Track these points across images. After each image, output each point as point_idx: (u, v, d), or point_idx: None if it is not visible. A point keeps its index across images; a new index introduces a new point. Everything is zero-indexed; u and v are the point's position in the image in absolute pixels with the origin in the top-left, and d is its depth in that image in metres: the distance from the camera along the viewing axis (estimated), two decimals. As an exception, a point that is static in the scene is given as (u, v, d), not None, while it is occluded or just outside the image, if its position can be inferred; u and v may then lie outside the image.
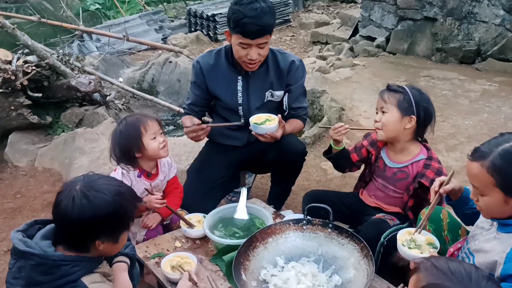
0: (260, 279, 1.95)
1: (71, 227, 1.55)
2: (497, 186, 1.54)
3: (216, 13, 8.74)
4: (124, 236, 1.66)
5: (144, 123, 2.26)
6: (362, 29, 7.11)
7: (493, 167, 1.52)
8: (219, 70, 2.60)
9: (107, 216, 1.54)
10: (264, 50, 2.43)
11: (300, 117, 2.71)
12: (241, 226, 2.30)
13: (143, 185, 2.36)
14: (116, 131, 2.30)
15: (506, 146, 1.52)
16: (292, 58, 2.64)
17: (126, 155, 2.28)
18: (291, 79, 2.63)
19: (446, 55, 6.00)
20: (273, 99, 2.64)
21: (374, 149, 2.43)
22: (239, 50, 2.41)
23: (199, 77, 2.63)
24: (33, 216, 3.19)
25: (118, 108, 4.67)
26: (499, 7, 5.52)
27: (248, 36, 2.33)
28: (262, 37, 2.35)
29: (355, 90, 5.23)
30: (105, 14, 9.69)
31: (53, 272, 1.53)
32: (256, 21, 2.29)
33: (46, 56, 4.21)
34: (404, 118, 2.23)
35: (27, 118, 4.06)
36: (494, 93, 5.01)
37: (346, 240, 2.03)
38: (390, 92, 2.27)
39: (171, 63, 5.44)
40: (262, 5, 2.33)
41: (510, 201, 1.54)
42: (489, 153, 1.54)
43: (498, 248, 1.60)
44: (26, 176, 3.78)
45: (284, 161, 2.61)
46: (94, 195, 1.53)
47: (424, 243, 1.85)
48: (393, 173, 2.34)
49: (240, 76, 2.59)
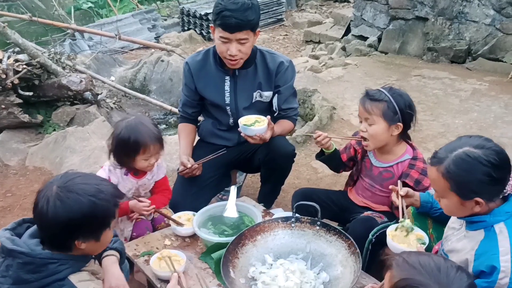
0: (248, 276, 1.96)
1: (48, 228, 1.54)
2: (452, 190, 1.59)
3: (209, 12, 8.73)
4: (106, 234, 1.63)
5: (145, 146, 2.22)
6: (354, 28, 7.14)
7: (447, 173, 1.58)
8: (207, 70, 2.60)
9: (82, 217, 1.51)
10: (245, 47, 2.40)
11: (290, 117, 2.72)
12: (231, 224, 2.31)
13: (129, 183, 2.36)
14: (118, 129, 2.26)
15: (459, 152, 1.57)
16: (281, 59, 2.62)
17: (115, 154, 2.29)
18: (280, 80, 2.62)
19: (437, 55, 6.04)
20: (261, 100, 2.64)
21: (361, 148, 2.44)
22: (220, 45, 2.41)
23: (188, 78, 2.64)
24: (23, 215, 3.18)
25: (110, 107, 4.67)
26: (489, 7, 5.56)
27: (227, 30, 2.32)
28: (241, 32, 2.34)
29: (346, 89, 5.26)
30: (97, 13, 9.67)
31: (40, 270, 1.53)
32: (236, 14, 2.29)
33: (37, 55, 4.20)
34: (390, 127, 2.23)
35: (17, 117, 4.05)
36: (484, 92, 5.05)
37: (334, 237, 2.04)
38: (373, 102, 2.22)
39: (163, 62, 5.45)
40: (246, 0, 2.33)
41: (466, 203, 1.60)
42: (444, 158, 1.60)
43: (468, 246, 1.64)
44: (16, 175, 3.77)
45: (273, 162, 2.62)
46: (68, 197, 1.50)
47: (414, 238, 1.88)
48: (379, 172, 2.36)
49: (228, 76, 2.59)
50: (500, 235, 1.56)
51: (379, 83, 5.39)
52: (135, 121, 2.26)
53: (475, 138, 1.62)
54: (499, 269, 1.50)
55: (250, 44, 2.44)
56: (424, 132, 4.22)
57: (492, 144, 1.59)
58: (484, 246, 1.58)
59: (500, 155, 1.56)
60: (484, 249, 1.57)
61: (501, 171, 1.56)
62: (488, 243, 1.58)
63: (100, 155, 3.56)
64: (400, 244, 1.85)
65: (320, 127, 4.23)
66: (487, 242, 1.58)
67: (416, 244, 1.83)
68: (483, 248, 1.58)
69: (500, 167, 1.55)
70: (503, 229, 1.57)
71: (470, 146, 1.57)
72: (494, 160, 1.54)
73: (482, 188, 1.56)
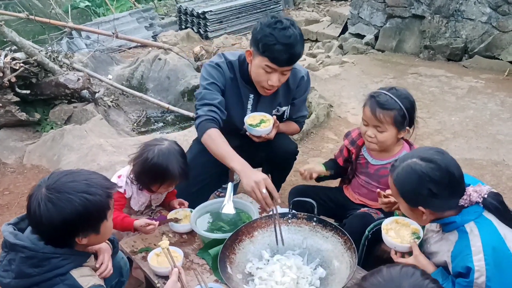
0: (245, 272, 1.98)
1: (45, 231, 1.54)
2: (401, 196, 1.69)
3: (207, 11, 8.73)
4: (105, 225, 1.63)
5: (173, 179, 2.23)
6: (351, 26, 7.15)
7: (394, 181, 1.68)
8: (234, 82, 2.50)
9: (77, 215, 1.51)
10: (284, 78, 2.35)
11: (299, 122, 2.74)
12: (228, 220, 2.32)
13: (143, 197, 2.39)
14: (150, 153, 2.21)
15: (408, 162, 1.64)
16: (302, 74, 2.57)
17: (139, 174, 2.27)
18: (297, 94, 2.61)
19: (433, 53, 6.06)
20: (277, 114, 2.62)
21: (354, 148, 2.44)
22: (261, 74, 2.31)
23: (221, 80, 2.46)
24: (21, 212, 3.12)
25: (107, 105, 4.68)
26: (485, 4, 5.59)
27: (277, 63, 2.24)
28: (289, 66, 2.29)
29: (343, 87, 5.28)
30: (95, 11, 9.65)
31: (43, 264, 1.54)
32: (289, 49, 2.21)
33: (34, 53, 4.20)
34: (400, 132, 2.24)
35: (15, 115, 4.05)
36: (480, 90, 5.08)
37: (330, 233, 2.06)
38: (385, 111, 2.17)
39: (160, 60, 5.45)
40: (295, 32, 2.23)
41: (414, 210, 1.67)
42: (397, 167, 1.68)
43: (444, 248, 1.67)
44: (14, 173, 3.78)
45: (275, 160, 2.63)
46: (58, 198, 1.49)
47: (409, 232, 1.89)
48: (376, 170, 2.38)
49: (252, 94, 2.52)
50: (471, 234, 1.58)
51: (376, 81, 5.42)
52: (168, 151, 2.22)
53: (428, 151, 1.66)
54: (474, 269, 1.52)
55: (289, 74, 2.38)
56: (420, 129, 4.22)
57: (440, 158, 1.61)
58: (458, 247, 1.61)
59: (444, 171, 1.59)
60: (459, 250, 1.60)
61: (440, 186, 1.59)
62: (461, 243, 1.60)
63: (97, 153, 3.57)
64: (395, 238, 1.86)
65: (317, 124, 4.25)
66: (460, 243, 1.60)
67: (410, 238, 1.85)
68: (458, 249, 1.60)
69: (438, 183, 1.58)
70: (474, 228, 1.59)
71: (417, 158, 1.63)
72: (434, 175, 1.58)
73: (423, 200, 1.62)
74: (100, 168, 3.34)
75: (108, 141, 3.78)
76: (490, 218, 1.61)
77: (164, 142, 2.28)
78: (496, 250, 1.54)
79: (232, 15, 9.06)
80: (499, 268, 1.52)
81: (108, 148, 3.63)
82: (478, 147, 3.95)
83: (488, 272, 1.51)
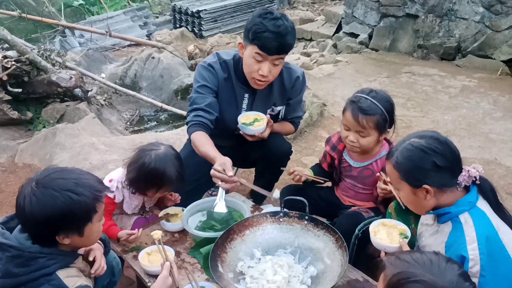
0: (237, 270, 1.97)
1: (27, 224, 1.54)
2: (402, 179, 1.70)
3: (201, 9, 8.71)
4: (91, 228, 1.60)
5: (169, 185, 2.22)
6: (345, 26, 7.17)
7: (395, 163, 1.70)
8: (229, 82, 2.49)
9: (59, 213, 1.49)
10: (276, 69, 2.35)
11: (294, 122, 2.73)
12: (220, 219, 2.31)
13: (136, 200, 2.36)
14: (146, 158, 2.18)
15: (405, 144, 1.70)
16: (297, 74, 2.57)
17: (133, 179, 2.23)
18: (292, 94, 2.60)
19: (427, 52, 6.08)
20: (272, 113, 2.61)
21: (336, 153, 2.43)
22: (252, 63, 2.31)
23: (213, 81, 2.45)
24: (12, 211, 3.14)
25: (100, 104, 4.66)
26: (478, 4, 5.61)
27: (266, 51, 2.25)
28: (279, 55, 2.30)
29: (337, 86, 5.28)
30: (88, 10, 9.61)
31: (29, 264, 1.53)
32: (278, 37, 2.22)
33: (26, 51, 4.17)
34: (382, 135, 2.25)
35: (7, 113, 4.03)
36: (473, 89, 5.10)
37: (321, 231, 2.05)
38: (367, 116, 2.16)
39: (154, 58, 5.44)
40: (286, 23, 2.25)
41: (417, 192, 1.68)
42: (395, 151, 1.72)
43: (439, 239, 1.68)
44: (6, 171, 3.75)
45: (270, 159, 2.62)
46: (43, 193, 1.49)
47: (396, 233, 1.90)
48: (359, 172, 2.38)
49: (247, 94, 2.51)
50: (465, 225, 1.60)
51: (370, 80, 5.43)
52: (165, 155, 2.21)
53: (421, 132, 1.75)
54: (468, 258, 1.52)
55: (280, 67, 2.39)
56: (413, 128, 4.25)
57: (435, 134, 1.70)
58: (452, 237, 1.62)
59: (442, 144, 1.66)
60: (453, 240, 1.61)
61: (443, 158, 1.64)
62: (455, 233, 1.61)
63: (89, 152, 3.56)
64: (383, 239, 1.86)
65: (310, 123, 4.26)
66: (454, 233, 1.62)
67: (399, 239, 1.86)
68: (452, 239, 1.62)
69: (442, 155, 1.64)
70: (468, 219, 1.60)
71: (415, 138, 1.69)
72: (436, 148, 1.64)
73: (427, 175, 1.64)
74: (92, 166, 3.33)
75: (101, 139, 3.76)
76: (483, 209, 1.63)
77: (161, 147, 2.26)
78: (489, 240, 1.55)
79: (227, 14, 9.05)
80: (492, 258, 1.53)
81: (100, 147, 3.62)
82: (470, 146, 3.96)
83: (482, 261, 1.51)
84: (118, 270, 2.12)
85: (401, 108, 4.70)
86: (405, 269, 1.25)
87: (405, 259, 1.28)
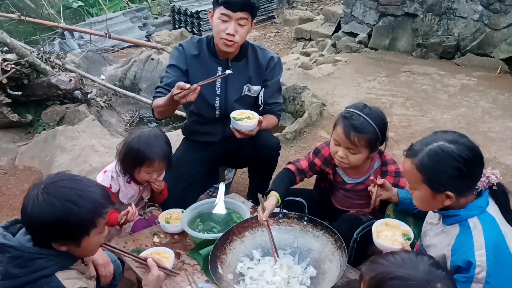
0: (236, 272, 1.98)
1: (27, 225, 1.56)
2: (424, 182, 1.63)
3: (200, 10, 8.72)
4: (88, 241, 1.58)
5: (151, 160, 2.25)
6: (344, 25, 7.17)
7: (420, 165, 1.62)
8: (201, 58, 2.59)
9: (55, 221, 1.49)
10: (242, 29, 2.42)
11: (275, 112, 2.74)
12: (219, 220, 2.32)
13: (132, 190, 2.40)
14: (130, 137, 2.31)
15: (433, 146, 1.61)
16: (272, 55, 2.67)
17: (122, 161, 2.31)
18: (268, 75, 2.65)
19: (426, 51, 6.08)
20: (250, 94, 2.65)
21: (330, 168, 2.39)
22: (219, 24, 2.41)
23: (181, 59, 2.59)
24: (13, 214, 3.18)
25: (100, 106, 4.66)
26: (477, 2, 5.61)
27: (230, 8, 2.36)
28: (243, 12, 2.38)
29: (336, 86, 5.29)
30: (88, 12, 9.62)
31: (28, 265, 1.53)
32: None
33: (26, 54, 4.18)
34: (373, 153, 2.21)
35: (7, 116, 4.04)
36: (472, 88, 5.10)
37: (320, 232, 2.07)
38: (359, 134, 2.10)
39: (153, 60, 5.44)
40: None
41: (437, 196, 1.63)
42: (419, 151, 1.63)
43: (444, 241, 1.67)
44: (6, 174, 3.76)
45: (260, 156, 2.63)
46: (44, 199, 1.49)
47: (399, 234, 1.90)
48: (352, 186, 2.36)
49: (221, 67, 2.58)
50: (474, 230, 1.58)
51: (369, 79, 5.44)
52: (148, 133, 2.29)
53: (450, 134, 1.66)
54: (475, 264, 1.52)
55: (247, 29, 2.46)
56: (413, 127, 4.26)
57: (466, 140, 1.62)
58: (459, 241, 1.60)
59: (472, 151, 1.59)
60: (460, 244, 1.60)
61: (472, 166, 1.59)
62: (463, 238, 1.60)
63: (89, 154, 3.56)
64: (386, 241, 1.86)
65: (310, 123, 4.26)
66: (462, 237, 1.60)
67: (402, 240, 1.86)
68: (459, 243, 1.60)
69: (471, 163, 1.58)
70: (477, 224, 1.59)
71: (444, 141, 1.60)
72: (466, 155, 1.57)
73: (453, 182, 1.59)
74: (92, 169, 3.33)
75: (101, 141, 3.77)
76: (493, 214, 1.62)
77: (147, 128, 2.36)
78: (497, 247, 1.54)
79: (226, 14, 9.04)
80: (499, 265, 1.53)
81: (100, 149, 3.62)
82: (470, 145, 3.96)
83: (489, 268, 1.51)
84: (118, 273, 2.12)
85: (401, 107, 4.71)
86: (380, 270, 1.29)
87: (379, 262, 1.32)
